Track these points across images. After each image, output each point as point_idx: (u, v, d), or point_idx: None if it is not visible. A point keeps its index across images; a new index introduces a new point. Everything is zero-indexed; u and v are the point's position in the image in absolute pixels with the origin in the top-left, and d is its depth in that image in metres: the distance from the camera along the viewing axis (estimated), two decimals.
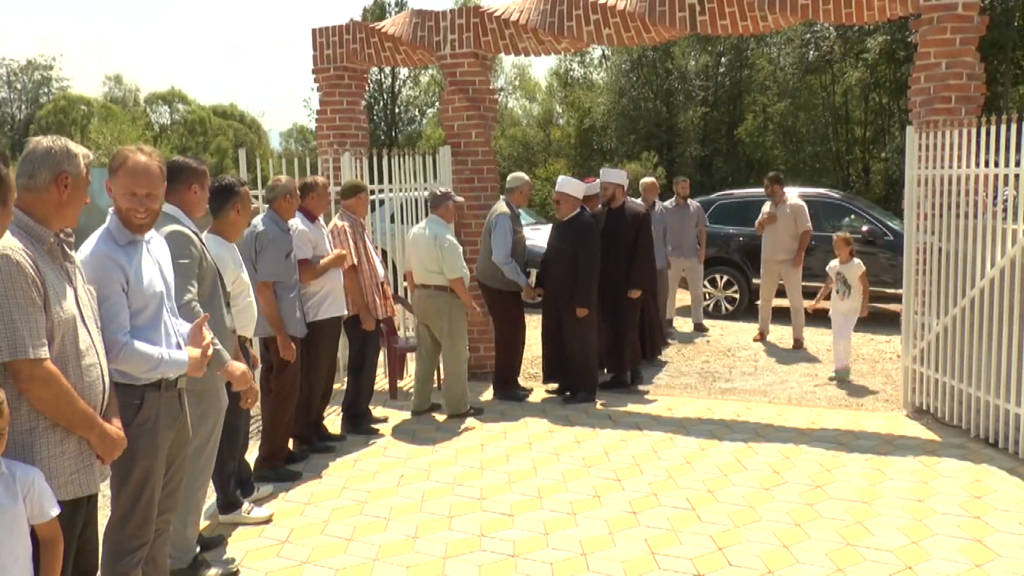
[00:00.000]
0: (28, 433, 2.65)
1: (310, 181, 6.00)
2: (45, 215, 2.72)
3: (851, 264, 7.83)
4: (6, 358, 2.54)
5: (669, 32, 7.49)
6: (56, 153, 2.73)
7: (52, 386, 2.61)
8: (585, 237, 7.10)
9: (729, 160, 32.90)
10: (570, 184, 7.31)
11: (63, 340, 2.68)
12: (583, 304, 7.06)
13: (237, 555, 4.39)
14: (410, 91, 48.21)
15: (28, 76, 66.19)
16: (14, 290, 2.54)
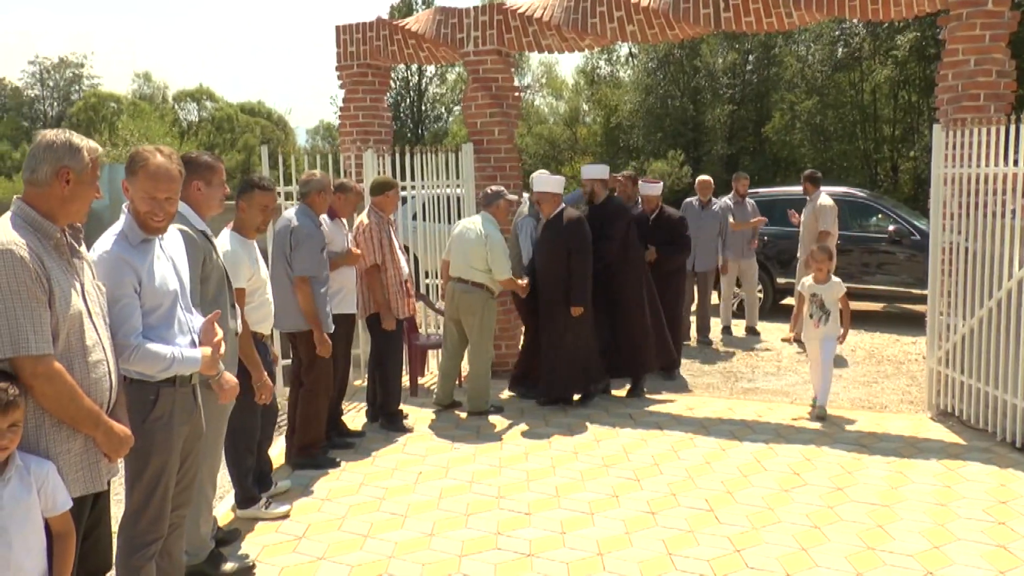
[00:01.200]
0: (34, 430, 2.66)
1: (348, 184, 6.08)
2: (50, 210, 2.71)
3: (830, 284, 6.64)
4: (8, 354, 2.54)
5: (693, 29, 7.44)
6: (58, 147, 2.71)
7: (56, 383, 2.61)
8: (577, 233, 6.80)
9: (756, 158, 32.66)
10: (548, 182, 6.93)
11: (69, 336, 2.69)
12: (579, 302, 6.77)
13: (253, 550, 4.41)
14: (437, 89, 48.30)
15: (60, 74, 67.07)
16: (17, 286, 2.54)
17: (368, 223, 6.30)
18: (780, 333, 10.18)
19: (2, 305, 2.52)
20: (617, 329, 7.31)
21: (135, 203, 3.10)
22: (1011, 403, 5.88)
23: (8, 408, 2.47)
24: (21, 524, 2.56)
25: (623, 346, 7.32)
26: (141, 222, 3.11)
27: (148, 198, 3.08)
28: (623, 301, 7.28)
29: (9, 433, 2.49)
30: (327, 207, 5.74)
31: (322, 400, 5.62)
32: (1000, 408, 5.99)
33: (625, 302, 7.28)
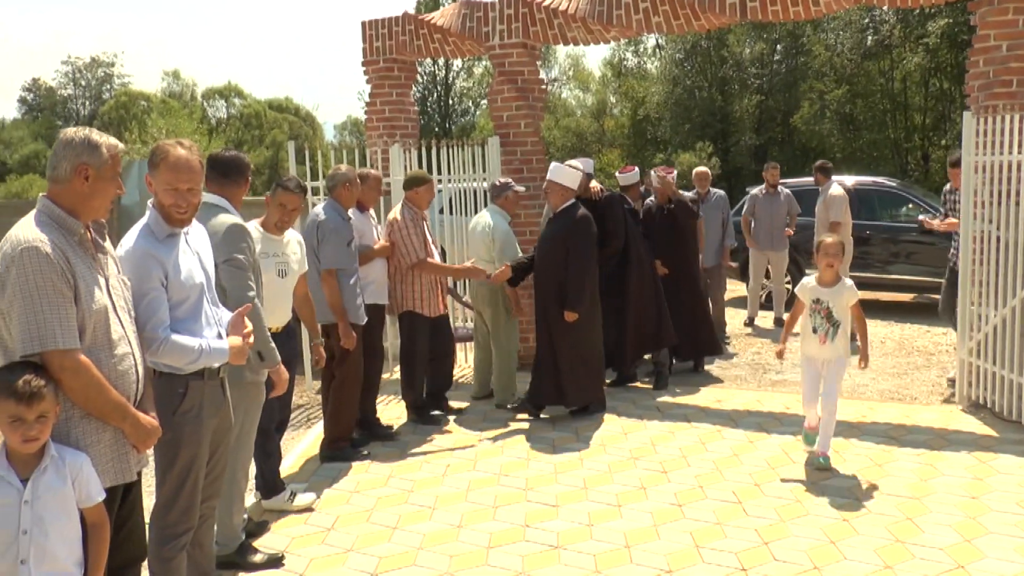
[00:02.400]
0: (64, 422, 2.71)
1: (362, 173, 6.10)
2: (73, 206, 2.75)
3: (839, 288, 5.27)
4: (36, 349, 2.59)
5: (719, 19, 7.39)
6: (77, 144, 2.75)
7: (83, 376, 2.66)
8: (580, 230, 6.34)
9: (784, 149, 32.37)
10: (561, 172, 6.51)
11: (95, 331, 2.73)
12: (574, 307, 6.26)
13: (282, 542, 4.46)
14: (463, 83, 48.31)
15: (92, 73, 67.90)
16: (43, 282, 2.59)
17: (401, 219, 6.30)
18: None
19: (29, 301, 2.57)
20: (628, 321, 7.22)
21: (158, 195, 3.15)
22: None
23: (33, 399, 2.52)
24: (57, 514, 2.61)
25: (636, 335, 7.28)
26: (166, 215, 3.16)
27: (171, 190, 3.12)
28: (629, 291, 7.18)
29: (37, 424, 2.54)
30: (355, 200, 5.77)
31: (353, 393, 5.67)
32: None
33: (631, 292, 7.18)
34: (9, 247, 2.61)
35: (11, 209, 11.55)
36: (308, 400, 7.42)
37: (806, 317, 5.38)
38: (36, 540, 2.57)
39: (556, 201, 6.51)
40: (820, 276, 5.34)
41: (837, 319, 5.25)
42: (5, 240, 2.64)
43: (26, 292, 2.57)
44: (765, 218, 9.94)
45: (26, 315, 2.57)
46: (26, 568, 2.56)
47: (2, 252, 2.61)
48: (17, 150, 58.57)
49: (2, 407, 2.51)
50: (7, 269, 2.58)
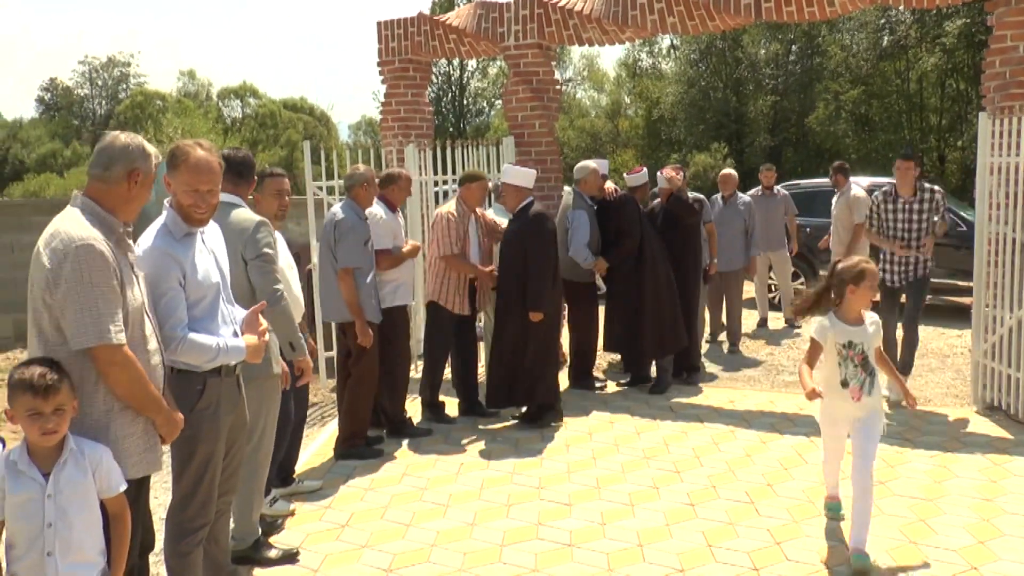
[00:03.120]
0: (105, 415, 2.80)
1: (394, 173, 6.16)
2: (114, 206, 2.84)
3: (870, 325, 4.21)
4: (92, 343, 2.68)
5: (734, 20, 7.40)
6: (133, 150, 2.86)
7: (130, 370, 2.76)
8: (534, 230, 6.24)
9: (799, 150, 32.29)
10: (514, 173, 6.42)
11: (133, 327, 2.82)
12: (535, 307, 6.18)
13: (297, 538, 4.50)
14: (478, 83, 48.38)
15: (108, 73, 68.33)
16: (98, 279, 2.68)
17: (448, 212, 6.39)
18: None
19: (87, 297, 2.66)
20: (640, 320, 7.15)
21: (178, 196, 3.19)
22: None
23: (49, 393, 2.57)
24: (80, 506, 2.66)
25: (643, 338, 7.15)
26: (184, 215, 3.20)
27: (191, 191, 3.17)
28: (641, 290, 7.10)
29: (54, 417, 2.59)
30: (372, 200, 5.81)
31: (368, 391, 5.71)
32: None
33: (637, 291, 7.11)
34: (60, 243, 2.68)
35: (30, 208, 11.66)
36: (322, 398, 7.47)
37: (831, 366, 4.20)
38: (60, 533, 2.62)
39: (512, 203, 6.44)
40: (848, 311, 4.17)
41: (872, 365, 4.18)
42: (53, 236, 2.71)
43: (82, 288, 2.66)
44: (762, 220, 9.86)
45: (83, 310, 2.66)
46: (52, 560, 2.61)
47: (51, 248, 2.69)
48: (35, 149, 59.00)
49: (20, 401, 2.56)
50: (60, 265, 2.66)
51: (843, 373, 4.15)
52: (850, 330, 4.16)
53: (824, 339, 4.19)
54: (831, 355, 4.17)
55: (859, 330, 4.16)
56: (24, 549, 2.63)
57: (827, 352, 4.18)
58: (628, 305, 7.10)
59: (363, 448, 5.76)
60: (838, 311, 4.17)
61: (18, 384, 2.55)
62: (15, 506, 2.60)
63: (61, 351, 2.73)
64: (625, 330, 7.18)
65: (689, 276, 7.57)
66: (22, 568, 2.63)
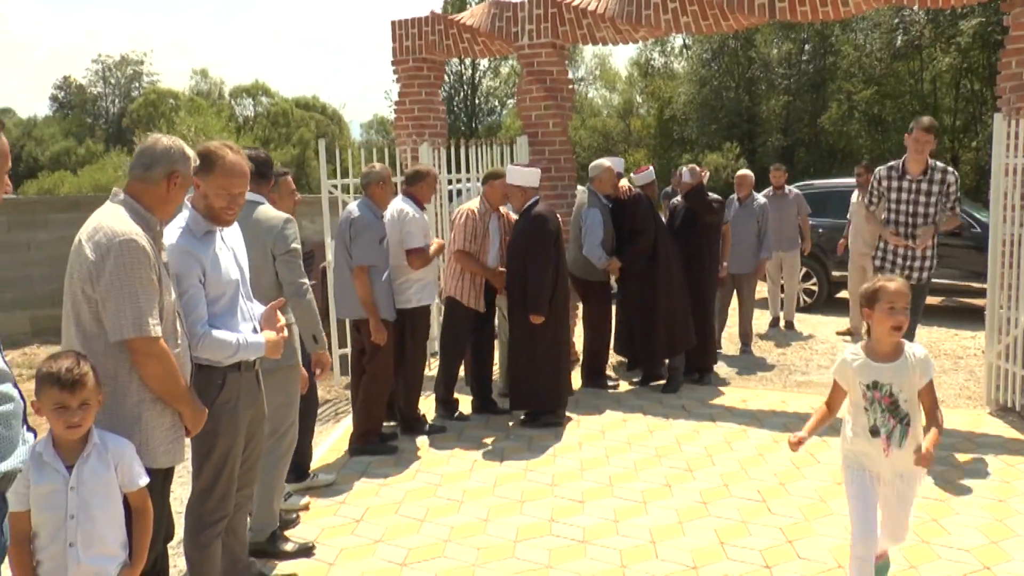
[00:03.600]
0: (137, 405, 2.86)
1: (421, 170, 6.21)
2: (152, 205, 2.92)
3: (907, 360, 3.38)
4: (132, 335, 2.76)
5: (748, 20, 7.40)
6: (174, 153, 2.94)
7: (165, 362, 2.84)
8: (535, 230, 6.22)
9: (812, 150, 32.23)
10: (517, 174, 6.40)
11: (166, 322, 2.89)
12: (535, 309, 6.16)
13: (312, 532, 4.54)
14: (490, 82, 48.44)
15: (122, 72, 68.71)
16: (140, 272, 2.75)
17: (470, 209, 6.45)
18: (834, 326, 10.08)
19: (129, 290, 2.74)
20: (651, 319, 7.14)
21: (210, 198, 3.25)
22: None
23: (76, 387, 2.61)
24: (103, 499, 2.70)
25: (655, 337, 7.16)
26: (214, 216, 3.27)
27: (225, 194, 3.25)
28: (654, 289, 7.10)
29: (80, 411, 2.63)
30: (389, 198, 5.84)
31: (383, 388, 5.75)
32: None
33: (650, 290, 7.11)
34: (104, 237, 2.75)
35: (45, 205, 11.74)
36: (336, 395, 7.51)
37: (855, 411, 3.46)
38: (83, 524, 2.66)
39: (518, 203, 6.44)
40: (876, 342, 3.40)
41: (905, 411, 3.36)
42: (96, 230, 2.79)
43: (124, 281, 2.73)
44: (773, 219, 9.80)
45: (125, 303, 2.74)
46: (74, 551, 2.66)
47: (94, 241, 2.76)
48: (48, 147, 59.38)
49: (47, 394, 2.60)
50: (103, 258, 2.73)
51: (870, 419, 3.40)
52: (876, 367, 3.38)
53: (844, 378, 3.50)
54: (856, 397, 3.46)
55: (889, 368, 3.36)
56: (48, 539, 2.67)
57: (851, 393, 3.49)
58: (641, 304, 7.11)
59: (377, 444, 5.81)
60: (868, 343, 3.46)
61: (46, 377, 2.60)
62: (39, 497, 2.65)
63: (98, 343, 2.80)
64: (639, 328, 7.20)
65: (705, 276, 7.58)
66: (46, 558, 2.67)
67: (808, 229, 10.14)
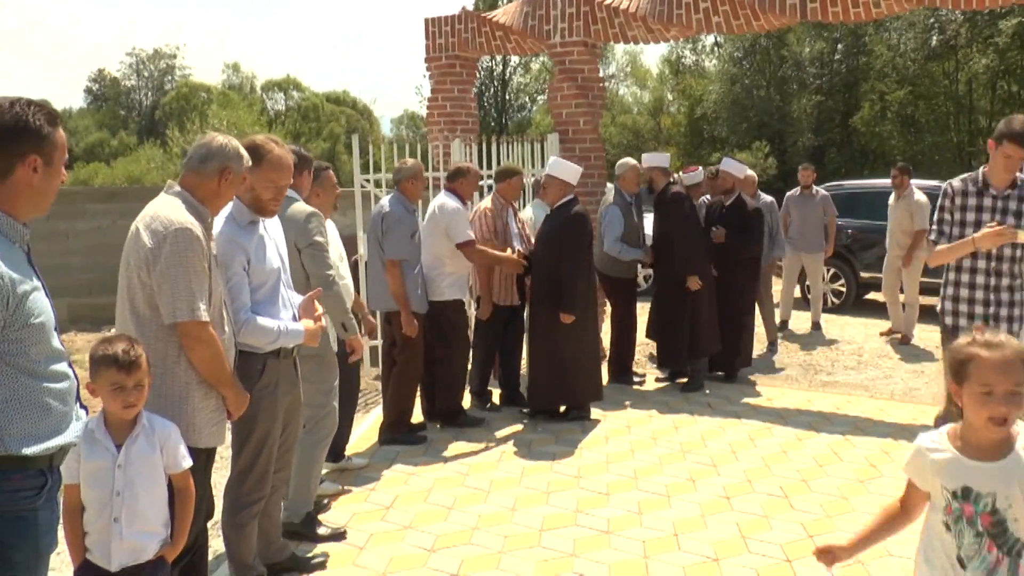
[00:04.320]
0: (185, 387, 3.01)
1: (463, 167, 6.34)
2: (204, 198, 3.07)
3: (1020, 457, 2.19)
4: (184, 318, 2.90)
5: (779, 20, 7.43)
6: (228, 151, 3.09)
7: (212, 347, 2.98)
8: (574, 230, 6.16)
9: (843, 150, 32.04)
10: (562, 167, 6.33)
11: (214, 309, 3.03)
12: (568, 309, 6.10)
13: (344, 517, 4.66)
14: (521, 78, 48.50)
15: (155, 65, 69.52)
16: (193, 260, 2.90)
17: (487, 209, 6.52)
18: (863, 328, 10.05)
19: (184, 276, 2.88)
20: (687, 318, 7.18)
21: (257, 190, 3.40)
22: None
23: (132, 368, 2.73)
24: (147, 479, 2.83)
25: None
26: (259, 207, 3.42)
27: (272, 186, 3.41)
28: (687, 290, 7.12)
29: (135, 391, 2.76)
30: (420, 193, 5.94)
31: (413, 379, 5.87)
32: None
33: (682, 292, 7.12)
34: (160, 225, 2.90)
35: (84, 196, 11.99)
36: (366, 386, 7.63)
37: (933, 528, 2.34)
38: (127, 501, 2.79)
39: (553, 197, 6.32)
40: (970, 429, 2.26)
41: (1017, 536, 2.21)
42: (153, 219, 2.94)
43: (179, 267, 2.88)
44: (798, 219, 9.77)
45: (179, 288, 2.88)
46: (119, 526, 2.79)
47: (151, 229, 2.91)
48: (83, 138, 60.19)
49: (105, 375, 2.73)
50: (160, 245, 2.88)
51: (959, 544, 2.25)
52: (971, 468, 2.23)
53: (921, 477, 2.37)
54: (937, 508, 2.32)
55: (991, 470, 2.21)
56: (95, 514, 2.80)
57: (932, 501, 2.36)
58: (670, 303, 7.21)
59: (407, 434, 5.92)
60: (959, 429, 2.31)
61: (103, 359, 2.72)
62: (88, 473, 2.78)
63: (150, 327, 2.94)
64: (665, 327, 7.29)
65: (739, 275, 7.59)
66: (93, 531, 2.81)
67: (834, 231, 10.04)
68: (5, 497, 2.26)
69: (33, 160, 2.30)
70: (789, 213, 9.87)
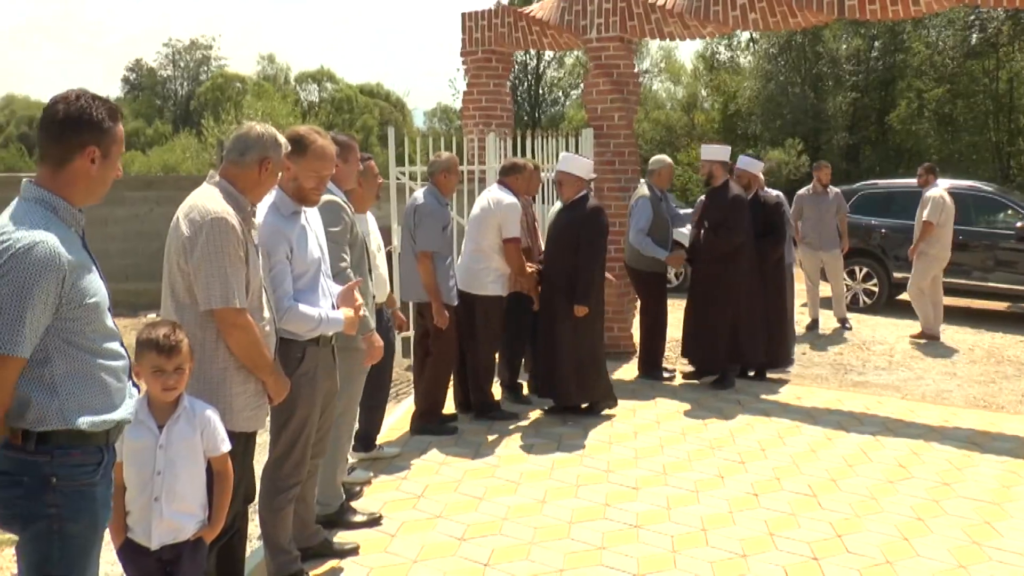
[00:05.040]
0: (222, 371, 3.07)
1: (518, 163, 6.41)
2: (244, 188, 3.13)
3: None
4: (219, 305, 2.97)
5: (816, 17, 7.41)
6: (266, 140, 3.14)
7: (249, 333, 3.04)
8: (592, 223, 6.12)
9: (878, 149, 31.69)
10: (574, 162, 6.30)
11: (252, 296, 3.09)
12: (583, 301, 6.07)
13: (375, 505, 4.73)
14: (554, 73, 48.37)
15: (191, 55, 70.25)
16: (230, 249, 2.96)
17: None
18: (895, 329, 9.97)
19: (219, 264, 2.95)
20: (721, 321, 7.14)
21: (300, 180, 3.47)
22: None
23: (172, 352, 2.82)
24: (187, 460, 2.92)
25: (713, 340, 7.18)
26: (302, 196, 3.49)
27: (315, 176, 3.48)
28: (732, 294, 7.11)
29: (175, 375, 2.84)
30: (453, 186, 5.97)
31: (445, 371, 5.93)
32: None
33: (731, 295, 7.11)
34: (198, 215, 2.98)
35: (122, 184, 12.15)
36: (397, 376, 7.71)
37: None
38: (167, 481, 2.88)
39: (569, 192, 6.27)
40: None
41: None
42: (191, 208, 3.02)
43: (214, 255, 2.94)
44: (813, 217, 9.71)
45: (215, 275, 2.95)
46: (159, 505, 2.88)
47: (189, 218, 2.99)
48: None
49: (147, 358, 2.82)
50: (196, 234, 2.96)
51: None
52: None
53: None
54: None
55: None
56: (136, 492, 2.89)
57: None
58: (711, 305, 7.20)
59: (438, 425, 5.98)
60: None
61: (146, 343, 2.81)
62: (131, 452, 2.87)
63: (190, 312, 3.02)
64: (704, 330, 7.26)
65: (772, 276, 7.55)
66: (134, 509, 2.90)
67: (846, 228, 10.01)
68: (66, 472, 2.37)
69: (92, 151, 2.40)
70: (801, 212, 9.80)
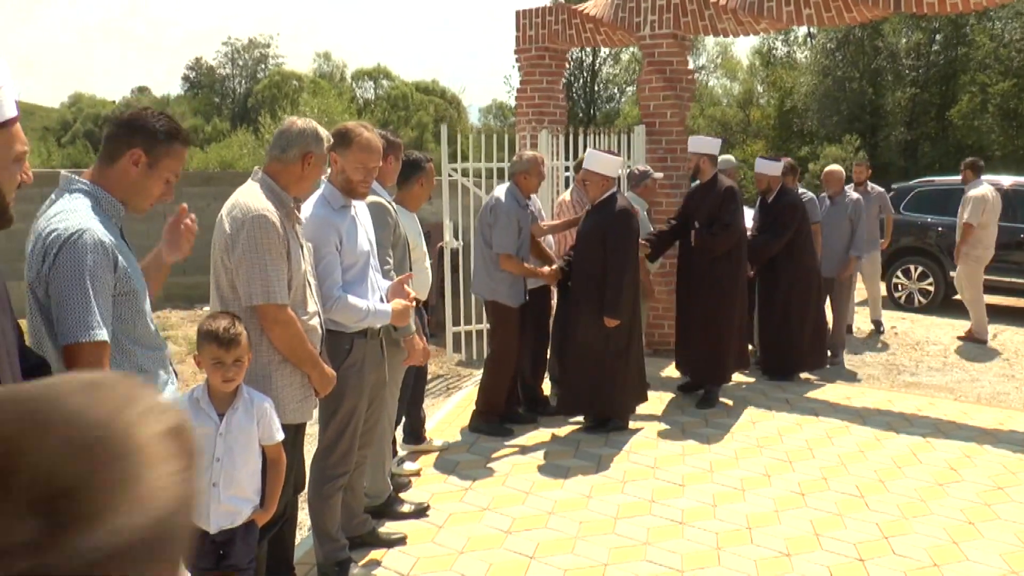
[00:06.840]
0: (267, 366, 3.18)
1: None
2: (287, 183, 3.21)
3: None
4: (260, 301, 3.06)
5: (872, 12, 7.33)
6: (308, 135, 3.20)
7: (291, 328, 3.12)
8: (620, 226, 5.73)
9: (937, 145, 31.03)
10: (599, 160, 5.86)
11: (295, 291, 3.18)
12: (612, 313, 5.71)
13: (423, 496, 4.83)
14: (610, 69, 48.23)
15: (249, 54, 71.41)
16: (270, 244, 3.04)
17: (570, 200, 6.61)
18: (950, 329, 9.79)
19: (260, 260, 3.03)
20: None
21: (348, 172, 3.56)
22: None
23: (231, 345, 2.92)
24: (244, 448, 3.03)
25: None
26: (351, 189, 3.57)
27: (362, 168, 3.55)
28: (718, 295, 6.67)
29: (234, 367, 2.95)
30: (535, 187, 5.90)
31: (504, 369, 5.87)
32: None
33: (720, 297, 6.67)
34: (239, 212, 3.07)
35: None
36: (447, 371, 7.83)
37: None
38: (225, 467, 3.00)
39: (595, 192, 5.89)
40: None
41: None
42: (234, 206, 3.12)
43: (254, 252, 3.03)
44: None
45: (256, 272, 3.03)
46: (216, 490, 3.00)
47: (231, 216, 3.09)
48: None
49: (207, 350, 2.94)
50: (238, 231, 3.06)
51: None
52: None
53: None
54: None
55: None
56: None
57: None
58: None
59: (496, 425, 5.95)
60: None
61: (207, 335, 2.93)
62: None
63: (233, 307, 3.13)
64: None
65: (794, 276, 7.36)
66: None
67: (891, 227, 9.87)
68: None
69: (137, 153, 2.47)
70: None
